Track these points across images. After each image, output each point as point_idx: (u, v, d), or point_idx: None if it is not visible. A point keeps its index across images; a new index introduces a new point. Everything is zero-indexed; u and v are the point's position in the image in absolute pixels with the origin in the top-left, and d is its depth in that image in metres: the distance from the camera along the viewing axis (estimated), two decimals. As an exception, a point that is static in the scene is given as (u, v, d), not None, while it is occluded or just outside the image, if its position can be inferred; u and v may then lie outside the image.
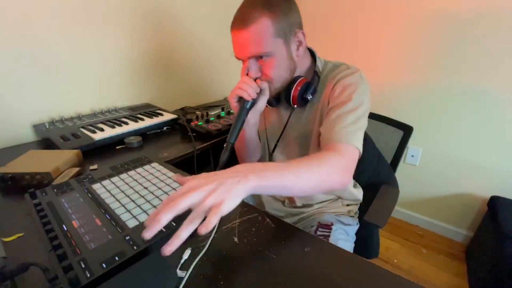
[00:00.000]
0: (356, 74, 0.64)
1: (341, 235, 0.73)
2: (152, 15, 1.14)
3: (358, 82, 0.63)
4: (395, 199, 0.80)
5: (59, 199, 0.52)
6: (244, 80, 0.64)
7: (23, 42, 0.83)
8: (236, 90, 0.64)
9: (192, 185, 0.36)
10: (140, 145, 0.87)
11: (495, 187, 1.36)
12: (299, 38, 0.63)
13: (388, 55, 1.49)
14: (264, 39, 0.59)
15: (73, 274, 0.34)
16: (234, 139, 0.61)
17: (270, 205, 0.83)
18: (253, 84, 0.63)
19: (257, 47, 0.60)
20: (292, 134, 0.75)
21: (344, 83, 0.63)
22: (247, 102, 0.64)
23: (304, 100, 0.67)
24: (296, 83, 0.66)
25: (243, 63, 0.66)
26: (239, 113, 0.64)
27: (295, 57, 0.65)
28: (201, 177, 0.38)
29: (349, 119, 0.59)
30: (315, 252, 0.44)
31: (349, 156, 0.56)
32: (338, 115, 0.60)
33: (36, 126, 0.88)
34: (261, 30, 0.58)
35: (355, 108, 0.61)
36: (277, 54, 0.61)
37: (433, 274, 1.34)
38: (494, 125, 1.30)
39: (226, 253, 0.44)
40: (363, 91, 0.63)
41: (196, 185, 0.36)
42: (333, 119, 0.61)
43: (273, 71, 0.63)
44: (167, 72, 1.27)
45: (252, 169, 0.41)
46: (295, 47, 0.64)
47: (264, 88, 0.65)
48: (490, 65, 1.24)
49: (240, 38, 0.60)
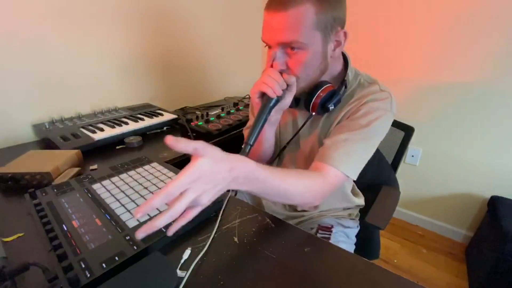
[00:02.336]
0: (387, 100, 0.60)
1: (342, 238, 0.72)
2: (152, 15, 1.14)
3: (385, 110, 0.59)
4: (396, 200, 0.80)
5: (59, 199, 0.52)
6: (269, 74, 0.56)
7: (23, 42, 0.83)
8: (260, 85, 0.56)
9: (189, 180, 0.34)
10: (140, 145, 0.87)
11: (495, 187, 1.36)
12: (339, 38, 0.56)
13: (388, 55, 1.49)
14: (302, 27, 0.51)
15: (73, 274, 0.34)
16: (254, 140, 0.54)
17: (270, 208, 0.82)
18: (279, 80, 0.55)
19: (292, 34, 0.52)
20: (304, 140, 0.71)
21: (370, 107, 0.59)
22: (271, 99, 0.56)
23: (324, 109, 0.61)
24: (321, 89, 0.59)
25: (269, 51, 0.58)
26: (261, 111, 0.56)
27: (329, 58, 0.58)
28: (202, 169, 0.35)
29: (356, 147, 0.57)
30: (315, 252, 0.44)
31: (333, 184, 0.56)
32: (347, 139, 0.57)
33: (36, 126, 0.88)
34: (301, 16, 0.51)
35: (368, 137, 0.57)
36: (311, 48, 0.54)
37: (433, 274, 1.34)
38: (494, 125, 1.30)
39: (226, 253, 0.44)
40: (386, 121, 0.59)
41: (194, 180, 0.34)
42: (340, 140, 0.57)
43: (302, 67, 0.56)
44: (167, 72, 1.27)
45: (246, 174, 0.41)
46: (332, 46, 0.57)
47: (292, 83, 0.57)
48: (490, 65, 1.24)
49: (274, 20, 0.52)
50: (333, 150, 0.56)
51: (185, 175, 0.33)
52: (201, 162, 0.35)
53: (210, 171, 0.35)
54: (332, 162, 0.55)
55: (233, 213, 0.53)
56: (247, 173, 0.41)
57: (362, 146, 0.57)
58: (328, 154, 0.56)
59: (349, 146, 0.56)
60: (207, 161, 0.35)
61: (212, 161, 0.36)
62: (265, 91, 0.56)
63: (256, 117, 0.57)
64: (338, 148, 0.56)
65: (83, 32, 0.96)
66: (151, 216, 0.47)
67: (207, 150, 0.35)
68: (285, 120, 0.74)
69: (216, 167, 0.36)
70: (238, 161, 0.40)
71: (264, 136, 0.68)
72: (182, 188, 0.33)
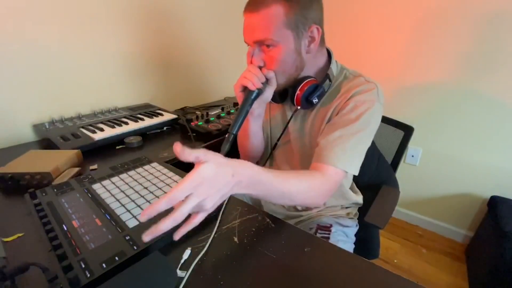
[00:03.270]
0: (373, 91, 0.61)
1: (341, 237, 0.73)
2: (152, 15, 1.14)
3: (373, 101, 0.60)
4: (396, 200, 0.80)
5: (59, 199, 0.52)
6: (249, 69, 0.61)
7: (23, 42, 0.83)
8: (242, 79, 0.61)
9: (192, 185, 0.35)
10: (140, 145, 0.87)
11: (495, 187, 1.36)
12: (312, 34, 0.59)
13: (388, 55, 1.49)
14: (272, 27, 0.56)
15: (73, 274, 0.34)
16: (237, 130, 0.58)
17: (269, 207, 0.82)
18: (258, 73, 0.60)
19: (263, 33, 0.57)
20: (295, 135, 0.73)
21: (357, 100, 0.60)
22: (252, 92, 0.60)
23: (309, 103, 0.64)
24: (303, 83, 0.63)
25: (248, 49, 0.63)
26: (243, 103, 0.61)
27: (303, 54, 0.61)
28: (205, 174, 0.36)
29: (350, 142, 0.58)
30: (315, 252, 0.44)
31: (334, 181, 0.58)
32: (340, 136, 0.59)
33: (36, 126, 0.88)
34: (271, 17, 0.55)
35: (360, 130, 0.59)
36: (283, 46, 0.58)
37: (433, 274, 1.34)
38: (494, 125, 1.30)
39: (226, 253, 0.44)
40: (375, 111, 0.60)
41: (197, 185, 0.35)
42: (334, 138, 0.59)
43: (276, 62, 0.60)
44: (167, 72, 1.27)
45: (249, 178, 0.42)
46: (306, 42, 0.60)
47: (270, 77, 0.62)
48: (491, 65, 1.24)
49: (249, 21, 0.58)
50: (328, 149, 0.58)
51: (188, 180, 0.34)
52: (203, 168, 0.36)
53: (213, 176, 0.36)
54: (330, 161, 0.57)
55: (233, 213, 0.53)
56: (250, 176, 0.42)
57: (356, 140, 0.59)
58: (324, 154, 0.58)
59: (343, 143, 0.58)
60: (210, 167, 0.36)
61: (215, 167, 0.37)
62: (246, 85, 0.61)
63: (239, 109, 0.61)
64: (333, 147, 0.58)
65: (83, 32, 0.96)
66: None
67: (209, 156, 0.37)
68: (275, 118, 0.77)
69: (219, 172, 0.37)
70: (240, 165, 0.41)
71: (250, 130, 0.72)
72: (185, 192, 0.34)
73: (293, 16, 0.56)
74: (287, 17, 0.55)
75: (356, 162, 0.60)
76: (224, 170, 0.38)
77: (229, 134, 0.58)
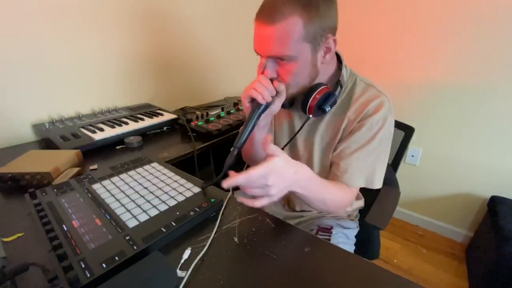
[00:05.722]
0: (385, 106, 0.61)
1: (341, 239, 0.73)
2: (152, 15, 1.14)
3: (386, 117, 0.61)
4: (396, 200, 0.80)
5: (59, 199, 0.52)
6: (260, 80, 0.57)
7: (23, 42, 0.83)
8: (250, 90, 0.57)
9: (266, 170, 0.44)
10: (140, 145, 0.87)
11: (495, 187, 1.36)
12: (328, 45, 0.57)
13: (388, 55, 1.49)
14: (290, 41, 0.52)
15: (73, 274, 0.34)
16: (242, 145, 0.55)
17: (269, 208, 0.82)
18: (269, 87, 0.57)
19: (280, 48, 0.53)
20: (302, 143, 0.71)
21: (373, 120, 0.60)
22: (260, 105, 0.57)
23: (321, 111, 0.62)
24: (316, 92, 0.60)
25: (261, 58, 0.59)
26: (251, 116, 0.57)
27: (319, 65, 0.59)
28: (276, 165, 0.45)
29: (369, 159, 0.62)
30: (315, 252, 0.44)
31: (355, 193, 0.66)
32: (360, 156, 0.62)
33: (36, 126, 0.88)
34: (289, 30, 0.51)
35: (377, 147, 0.62)
36: (300, 60, 0.55)
37: (433, 274, 1.34)
38: (494, 125, 1.30)
39: (226, 253, 0.44)
40: (389, 125, 0.62)
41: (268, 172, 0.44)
42: (353, 160, 0.62)
43: (291, 76, 0.58)
44: (167, 72, 1.27)
45: (307, 178, 0.52)
46: (322, 53, 0.57)
47: (281, 90, 0.58)
48: (491, 65, 1.25)
49: (263, 33, 0.53)
50: (349, 172, 0.63)
51: (263, 166, 0.44)
52: (276, 160, 0.45)
53: (282, 168, 0.46)
54: (349, 183, 0.63)
55: (233, 213, 0.53)
56: (308, 177, 0.51)
57: (373, 156, 0.63)
58: (344, 177, 0.63)
59: (362, 161, 0.62)
60: (281, 160, 0.45)
61: (284, 162, 0.46)
62: (255, 97, 0.57)
63: (245, 122, 0.58)
64: (353, 170, 0.63)
65: (83, 32, 0.95)
66: (151, 216, 0.48)
67: (280, 152, 0.46)
68: (280, 122, 0.75)
69: (286, 167, 0.47)
70: (301, 166, 0.50)
71: (255, 139, 0.68)
72: (260, 176, 0.43)
73: (311, 28, 0.52)
74: (306, 29, 0.52)
75: (377, 177, 0.64)
76: (290, 166, 0.47)
77: (234, 148, 0.54)
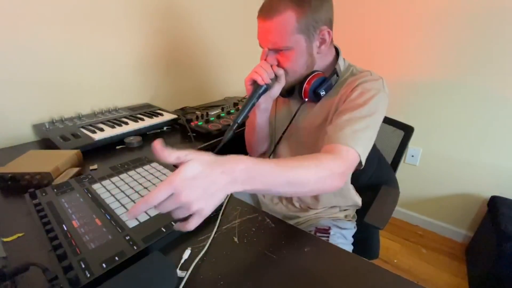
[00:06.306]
0: (379, 81, 0.64)
1: (339, 239, 0.73)
2: (152, 16, 1.14)
3: (378, 89, 0.62)
4: (395, 200, 0.80)
5: (59, 199, 0.52)
6: (260, 65, 0.65)
7: (23, 42, 0.83)
8: (252, 73, 0.65)
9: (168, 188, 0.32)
10: (140, 145, 0.87)
11: (495, 187, 1.36)
12: (323, 36, 0.62)
13: (388, 55, 1.49)
14: (285, 34, 0.59)
15: (73, 274, 0.34)
16: (241, 120, 0.62)
17: (267, 207, 0.83)
18: (268, 70, 0.64)
19: (277, 40, 0.61)
20: (300, 128, 0.74)
21: (363, 87, 0.62)
22: (260, 86, 0.64)
23: (316, 95, 0.66)
24: (311, 76, 0.66)
25: (263, 49, 0.67)
26: (250, 96, 0.65)
27: (315, 54, 0.65)
28: (187, 174, 0.33)
29: (359, 124, 0.57)
30: (315, 252, 0.44)
31: (349, 161, 0.54)
32: (349, 119, 0.58)
33: (36, 126, 0.88)
34: (284, 24, 0.58)
35: (368, 114, 0.58)
36: (296, 49, 0.62)
37: (433, 274, 1.34)
38: (494, 125, 1.30)
39: (226, 253, 0.44)
40: (381, 99, 0.61)
41: (180, 186, 0.33)
42: (343, 121, 0.58)
43: (289, 63, 0.64)
44: (167, 72, 1.27)
45: (245, 172, 0.38)
46: (317, 44, 0.63)
47: (280, 74, 0.65)
48: (491, 65, 1.24)
49: (263, 27, 0.62)
50: (338, 130, 0.57)
51: (165, 183, 0.32)
52: (185, 168, 0.33)
53: (197, 175, 0.34)
54: (342, 141, 0.54)
55: (233, 213, 0.53)
56: (246, 170, 0.38)
57: (364, 124, 0.57)
58: (335, 135, 0.56)
59: (352, 124, 0.57)
60: (192, 166, 0.34)
61: (199, 165, 0.34)
62: (255, 79, 0.64)
63: (245, 101, 0.65)
64: (342, 128, 0.56)
65: (83, 32, 0.95)
66: (151, 216, 0.48)
67: (192, 155, 0.34)
68: (281, 111, 0.79)
69: (204, 171, 0.34)
70: (230, 161, 0.37)
71: (256, 123, 0.75)
72: (161, 196, 0.32)
73: (303, 20, 0.58)
74: (298, 22, 0.58)
75: (365, 146, 0.57)
76: (210, 168, 0.35)
77: (233, 122, 0.61)
